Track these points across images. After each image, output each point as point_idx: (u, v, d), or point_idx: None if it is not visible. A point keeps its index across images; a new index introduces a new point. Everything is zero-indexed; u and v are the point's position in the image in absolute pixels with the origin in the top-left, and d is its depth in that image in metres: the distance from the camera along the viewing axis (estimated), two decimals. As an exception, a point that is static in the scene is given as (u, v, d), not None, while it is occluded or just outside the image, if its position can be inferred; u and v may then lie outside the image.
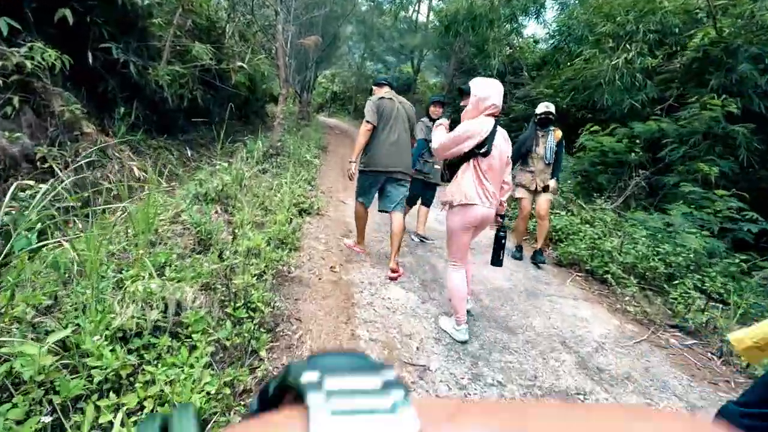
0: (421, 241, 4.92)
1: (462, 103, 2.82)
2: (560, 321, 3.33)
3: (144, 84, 5.95)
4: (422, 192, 4.88)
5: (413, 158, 4.16)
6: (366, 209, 3.82)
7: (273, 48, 7.89)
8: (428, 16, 18.24)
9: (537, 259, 4.65)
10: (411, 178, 4.03)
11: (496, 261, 2.97)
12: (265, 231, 3.48)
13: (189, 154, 7.21)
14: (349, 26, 18.35)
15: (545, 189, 4.68)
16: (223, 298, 2.35)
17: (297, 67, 15.10)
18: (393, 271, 3.59)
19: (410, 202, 4.80)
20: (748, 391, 1.47)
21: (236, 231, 3.21)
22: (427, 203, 4.99)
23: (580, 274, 4.46)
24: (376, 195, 3.83)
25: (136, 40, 5.84)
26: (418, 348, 2.58)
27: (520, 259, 4.80)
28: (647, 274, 4.21)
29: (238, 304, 2.17)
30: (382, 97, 3.70)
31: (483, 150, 2.62)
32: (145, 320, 1.90)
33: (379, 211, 3.84)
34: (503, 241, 2.94)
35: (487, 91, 2.67)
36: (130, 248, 2.79)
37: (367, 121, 3.58)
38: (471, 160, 2.68)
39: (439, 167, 4.66)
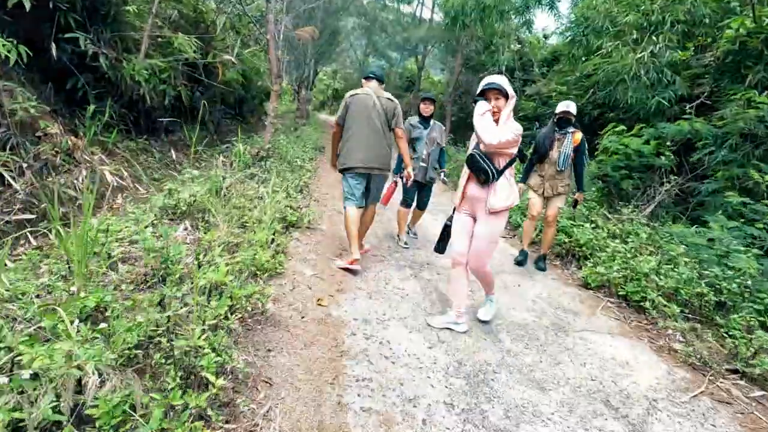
0: (414, 236, 4.91)
1: (495, 104, 2.64)
2: (598, 368, 2.71)
3: (119, 79, 5.35)
4: (416, 193, 4.60)
5: (396, 163, 4.16)
6: (356, 210, 3.67)
7: (267, 41, 7.27)
8: (433, 8, 17.55)
9: (538, 266, 4.44)
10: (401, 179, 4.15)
11: (441, 248, 3.12)
12: (239, 255, 2.87)
13: (173, 157, 6.62)
14: (351, 19, 17.69)
15: (557, 194, 4.34)
16: (162, 362, 1.74)
17: (295, 63, 14.50)
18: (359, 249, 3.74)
19: (407, 204, 4.61)
20: None
21: (200, 257, 2.61)
22: (423, 206, 4.74)
23: (611, 300, 3.83)
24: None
25: (109, 30, 5.23)
26: (425, 421, 1.97)
27: (522, 265, 4.51)
28: (693, 301, 3.58)
29: (172, 384, 1.56)
30: (356, 94, 3.65)
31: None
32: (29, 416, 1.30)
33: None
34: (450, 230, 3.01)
35: None
36: (56, 284, 2.20)
37: (336, 122, 3.69)
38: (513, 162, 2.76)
39: (425, 164, 4.30)
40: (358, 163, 3.54)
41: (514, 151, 2.65)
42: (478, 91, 2.69)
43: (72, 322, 1.93)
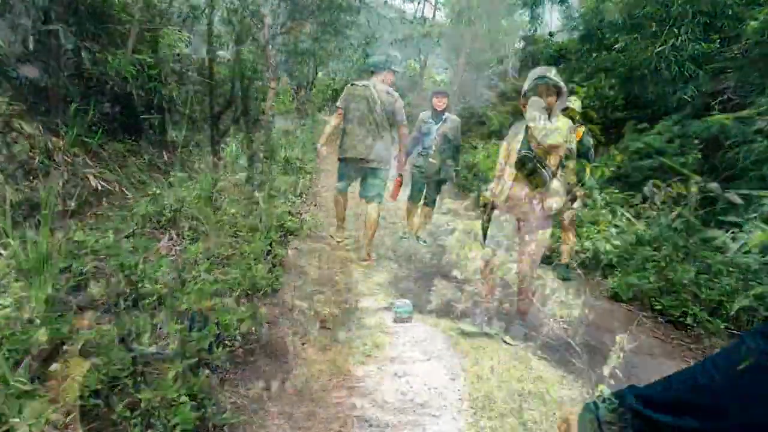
0: (423, 242, 4.52)
1: (548, 100, 2.40)
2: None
3: (104, 75, 4.97)
4: (424, 189, 4.42)
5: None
6: (343, 195, 3.89)
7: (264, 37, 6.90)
8: (435, 5, 17.19)
9: (562, 275, 4.14)
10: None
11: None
12: (230, 270, 2.50)
13: (164, 159, 6.24)
14: (351, 17, 17.29)
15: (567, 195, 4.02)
16: (126, 414, 1.36)
17: (294, 62, 14.15)
18: (363, 259, 3.74)
19: (413, 199, 4.45)
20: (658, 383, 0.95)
21: (184, 273, 2.23)
22: (432, 203, 4.54)
23: (645, 314, 3.46)
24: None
25: (93, 22, 4.86)
26: (455, 481, 1.59)
27: None
28: (739, 315, 3.21)
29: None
30: (354, 84, 3.67)
31: None
32: None
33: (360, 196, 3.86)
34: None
35: None
36: (3, 310, 1.81)
37: (336, 106, 3.72)
38: None
39: (434, 161, 4.20)
40: (349, 154, 3.66)
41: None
42: (527, 86, 2.45)
43: (19, 362, 1.56)
